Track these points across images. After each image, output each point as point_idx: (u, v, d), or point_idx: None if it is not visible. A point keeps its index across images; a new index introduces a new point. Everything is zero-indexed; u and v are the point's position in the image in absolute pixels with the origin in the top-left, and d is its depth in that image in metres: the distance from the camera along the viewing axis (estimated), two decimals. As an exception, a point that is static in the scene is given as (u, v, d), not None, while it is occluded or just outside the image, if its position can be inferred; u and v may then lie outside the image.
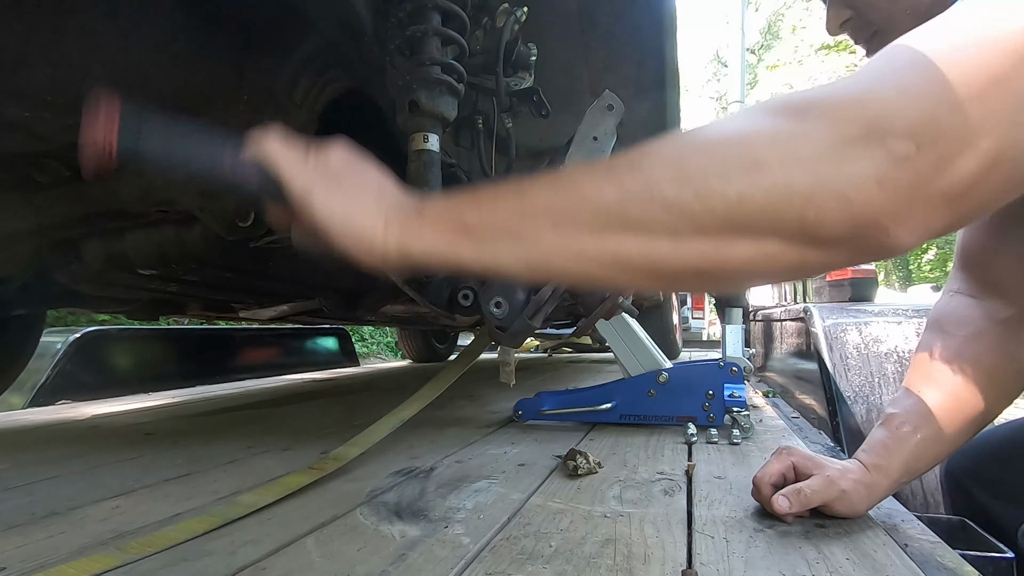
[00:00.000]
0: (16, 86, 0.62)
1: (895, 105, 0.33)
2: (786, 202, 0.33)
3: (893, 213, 0.32)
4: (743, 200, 0.33)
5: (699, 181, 0.34)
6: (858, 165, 0.32)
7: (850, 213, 0.32)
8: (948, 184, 0.32)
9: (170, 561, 0.53)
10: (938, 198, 0.32)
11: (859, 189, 0.32)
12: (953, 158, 0.32)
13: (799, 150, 0.33)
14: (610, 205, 0.35)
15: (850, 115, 0.33)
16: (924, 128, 0.32)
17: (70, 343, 2.00)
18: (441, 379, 1.07)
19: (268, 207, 0.45)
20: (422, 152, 0.72)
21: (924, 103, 0.32)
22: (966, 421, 0.62)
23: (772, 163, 0.33)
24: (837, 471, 0.59)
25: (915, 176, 0.32)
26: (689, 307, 6.69)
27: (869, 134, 0.32)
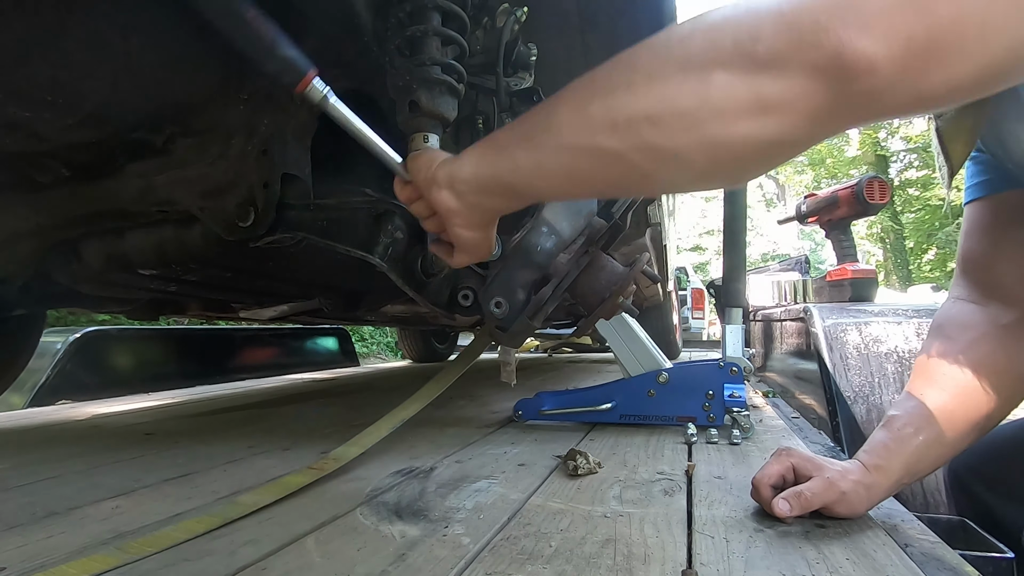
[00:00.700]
0: (16, 86, 0.62)
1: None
2: (720, 31, 0.35)
3: (836, 10, 0.31)
4: (683, 41, 0.36)
5: (651, 42, 0.38)
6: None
7: (784, 21, 0.32)
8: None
9: (170, 561, 0.53)
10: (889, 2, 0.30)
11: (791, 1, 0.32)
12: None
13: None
14: (586, 87, 0.41)
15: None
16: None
17: (70, 343, 2.00)
18: (441, 379, 1.07)
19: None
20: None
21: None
22: (968, 425, 0.62)
23: (711, 12, 0.36)
24: (837, 473, 0.59)
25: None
26: (689, 307, 6.69)
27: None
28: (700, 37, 0.36)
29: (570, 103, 0.42)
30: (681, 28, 0.38)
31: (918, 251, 12.84)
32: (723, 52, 0.34)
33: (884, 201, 2.51)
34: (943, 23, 0.30)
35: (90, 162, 0.82)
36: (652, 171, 0.41)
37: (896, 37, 0.30)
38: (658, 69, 0.37)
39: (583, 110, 0.41)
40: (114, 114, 0.71)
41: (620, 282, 0.77)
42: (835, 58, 0.31)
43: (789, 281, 2.98)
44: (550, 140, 0.43)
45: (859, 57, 0.31)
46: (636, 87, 0.38)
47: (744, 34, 0.34)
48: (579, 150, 0.42)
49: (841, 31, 0.31)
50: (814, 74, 0.32)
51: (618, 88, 0.39)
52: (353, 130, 0.59)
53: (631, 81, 0.38)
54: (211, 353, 2.60)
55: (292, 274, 1.13)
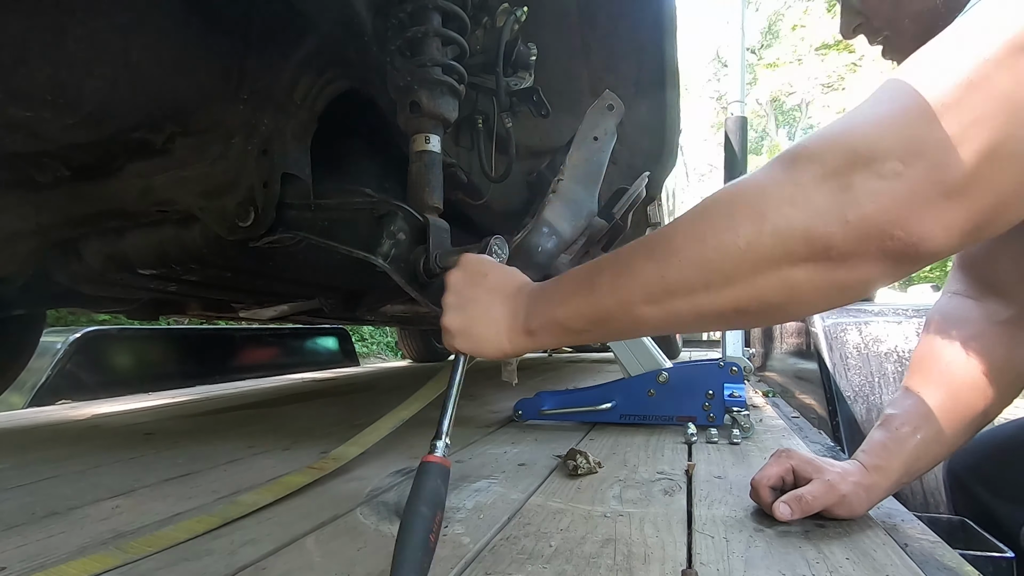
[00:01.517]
0: (16, 86, 0.62)
1: (876, 133, 0.37)
2: (789, 235, 0.38)
3: (897, 219, 0.35)
4: (752, 244, 0.39)
5: (713, 239, 0.41)
6: (848, 190, 0.37)
7: (852, 229, 0.36)
8: (944, 186, 0.35)
9: (170, 561, 0.53)
10: (940, 198, 0.35)
11: (853, 208, 0.36)
12: (941, 164, 0.35)
13: (790, 191, 0.38)
14: (655, 281, 0.44)
15: (835, 151, 0.38)
16: (906, 146, 0.36)
17: (70, 343, 2.00)
18: (441, 379, 1.07)
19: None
20: (423, 153, 0.72)
21: (903, 125, 0.36)
22: (965, 422, 0.62)
23: (769, 207, 0.39)
24: (837, 474, 0.59)
25: (908, 185, 0.35)
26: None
27: (854, 164, 0.36)
28: (770, 241, 0.39)
29: (649, 300, 0.44)
30: (743, 227, 0.40)
31: (918, 251, 12.81)
32: (798, 254, 0.38)
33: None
34: (988, 213, 0.36)
35: (90, 162, 0.82)
36: (743, 327, 0.45)
37: (951, 231, 0.36)
38: (735, 271, 0.40)
39: (667, 307, 0.44)
40: (114, 114, 0.71)
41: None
42: (903, 252, 0.36)
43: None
44: (633, 328, 0.47)
45: (924, 250, 0.36)
46: (718, 289, 0.41)
47: (816, 238, 0.37)
48: (666, 330, 0.47)
49: (904, 235, 0.36)
50: (885, 262, 0.37)
51: (698, 290, 0.42)
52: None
53: (709, 283, 0.41)
54: (211, 353, 2.60)
55: (292, 274, 1.13)
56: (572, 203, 0.78)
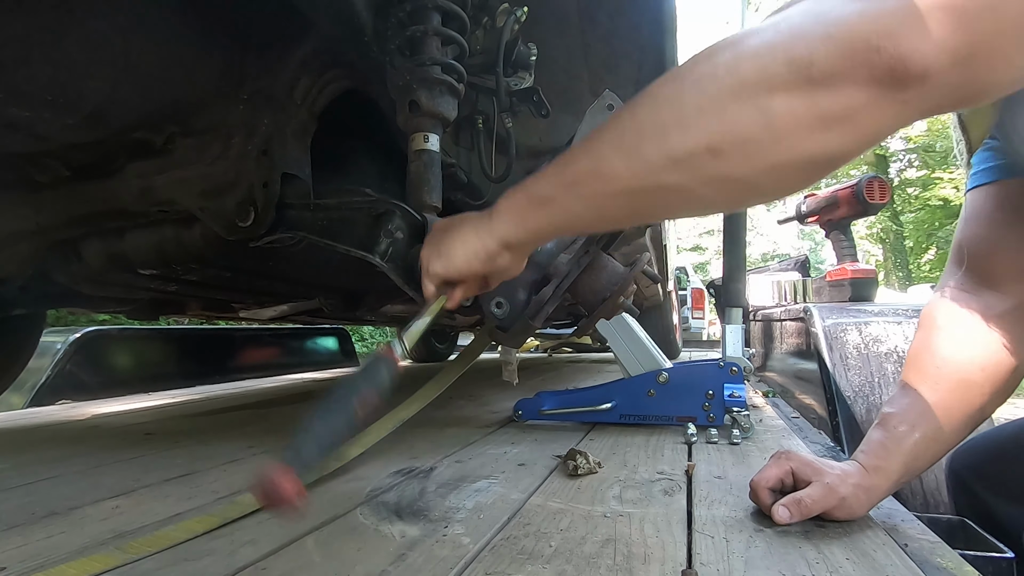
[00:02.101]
0: (16, 86, 0.62)
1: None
2: (769, 58, 0.35)
3: (884, 30, 0.33)
4: (730, 69, 0.36)
5: (689, 75, 0.38)
6: (830, 4, 0.34)
7: (836, 44, 0.34)
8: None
9: (170, 561, 0.53)
10: (935, 8, 0.32)
11: (836, 21, 0.34)
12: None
13: (775, 18, 0.36)
14: (626, 125, 0.41)
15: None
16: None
17: (70, 343, 2.00)
18: (441, 379, 1.07)
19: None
20: (422, 152, 0.72)
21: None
22: (963, 418, 0.62)
23: (751, 35, 0.37)
24: (836, 477, 0.59)
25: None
26: (689, 307, 6.69)
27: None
28: (749, 64, 0.36)
29: (619, 148, 0.42)
30: (721, 56, 0.38)
31: (918, 251, 12.83)
32: (778, 76, 0.35)
33: (884, 201, 2.51)
34: (983, 36, 0.32)
35: (90, 162, 0.82)
36: (719, 198, 0.42)
37: (942, 48, 0.32)
38: (709, 101, 0.37)
39: (637, 153, 0.41)
40: (114, 114, 0.71)
41: (621, 282, 0.77)
42: (890, 69, 0.33)
43: (789, 281, 2.98)
44: (607, 187, 0.43)
45: (913, 66, 0.33)
46: (689, 121, 0.38)
47: (797, 56, 0.35)
48: (642, 192, 0.42)
49: (892, 46, 0.33)
50: (871, 85, 0.34)
51: (669, 125, 0.39)
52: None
53: (682, 116, 0.38)
54: (211, 353, 2.61)
55: (292, 274, 1.13)
56: (572, 203, 0.78)
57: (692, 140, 0.38)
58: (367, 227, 0.75)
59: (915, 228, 12.64)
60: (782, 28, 0.36)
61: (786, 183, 0.40)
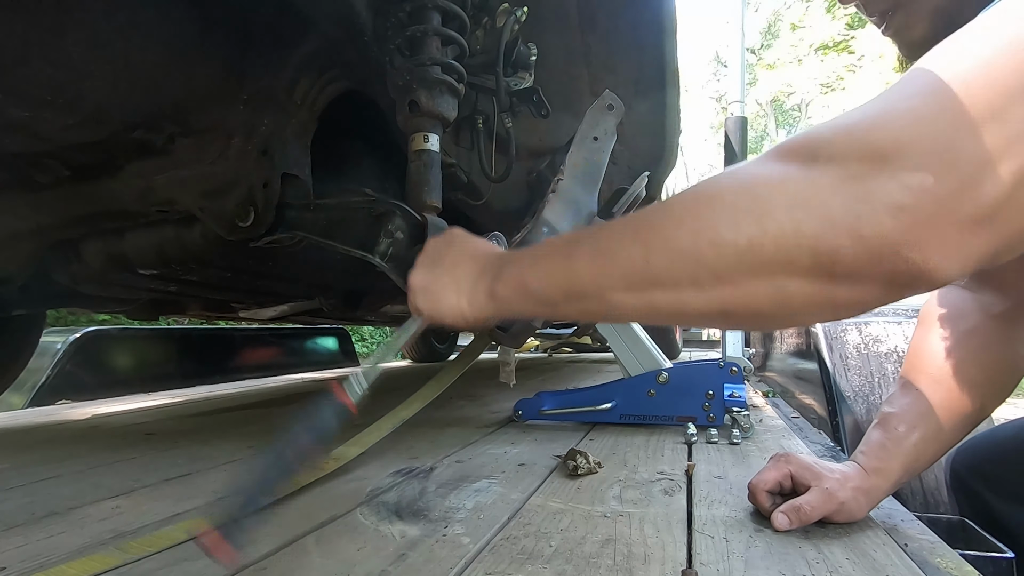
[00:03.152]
0: (16, 86, 0.62)
1: (906, 135, 0.32)
2: (795, 244, 0.34)
3: (915, 242, 0.31)
4: (753, 245, 0.35)
5: (710, 233, 0.36)
6: (868, 200, 0.32)
7: (865, 247, 0.32)
8: (975, 208, 0.31)
9: (170, 561, 0.53)
10: (967, 222, 0.31)
11: (870, 223, 0.32)
12: (975, 183, 0.31)
13: (805, 193, 0.34)
14: (638, 267, 0.39)
15: (857, 150, 0.33)
16: (939, 156, 0.31)
17: (70, 343, 2.00)
18: (441, 379, 1.07)
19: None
20: (422, 152, 0.72)
21: (938, 130, 0.32)
22: (963, 418, 0.61)
23: (779, 208, 0.34)
24: (835, 481, 0.58)
25: (935, 204, 0.31)
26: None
27: (878, 168, 0.32)
28: (771, 245, 0.34)
29: (630, 286, 0.40)
30: (742, 223, 0.35)
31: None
32: (800, 265, 0.34)
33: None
34: (1009, 242, 0.32)
35: (90, 162, 0.82)
36: (721, 329, 0.43)
37: (971, 259, 0.32)
38: (727, 272, 0.36)
39: (646, 297, 0.40)
40: (114, 114, 0.71)
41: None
42: (912, 278, 0.33)
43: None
44: (609, 312, 0.43)
45: (934, 277, 0.32)
46: (706, 287, 0.37)
47: (822, 252, 0.33)
48: (639, 319, 0.44)
49: (920, 260, 0.32)
50: (886, 284, 0.34)
51: (683, 284, 0.38)
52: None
53: (698, 279, 0.38)
54: (211, 353, 2.61)
55: (292, 274, 1.13)
56: (572, 203, 0.78)
57: (706, 303, 0.38)
58: (367, 227, 0.75)
59: (915, 228, 12.61)
60: (812, 208, 0.34)
61: (783, 329, 0.42)
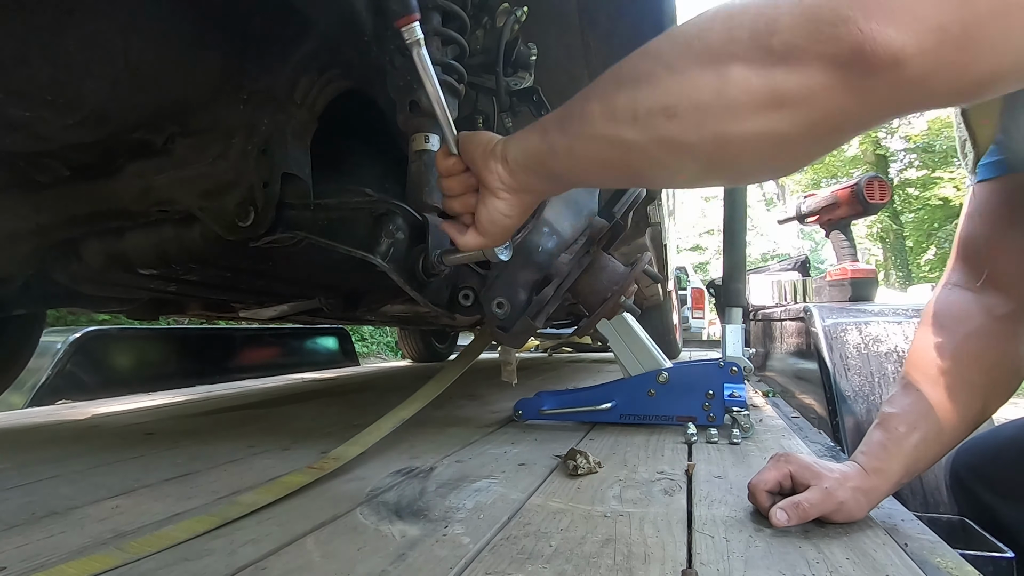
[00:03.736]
0: (16, 86, 0.61)
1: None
2: (738, 22, 0.34)
3: (860, 2, 0.29)
4: (703, 32, 0.36)
5: (676, 32, 0.39)
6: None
7: (802, 9, 0.31)
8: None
9: (170, 561, 0.53)
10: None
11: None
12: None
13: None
14: (609, 77, 0.42)
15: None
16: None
17: (70, 343, 2.00)
18: (441, 379, 1.07)
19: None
20: (423, 152, 0.72)
21: None
22: (964, 419, 0.61)
23: (732, 2, 0.35)
24: (835, 481, 0.58)
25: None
26: (689, 307, 6.69)
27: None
28: (719, 28, 0.35)
29: (600, 93, 0.43)
30: (703, 18, 0.37)
31: (918, 251, 12.83)
32: (740, 44, 0.33)
33: (884, 201, 2.51)
34: (983, 14, 0.27)
35: (90, 162, 0.82)
36: (669, 164, 0.41)
37: (928, 28, 0.28)
38: (677, 61, 0.37)
39: (610, 101, 0.41)
40: (114, 114, 0.71)
41: (622, 282, 0.77)
42: (856, 51, 0.29)
43: (789, 281, 2.98)
44: (582, 128, 0.44)
45: (883, 50, 0.28)
46: (657, 79, 0.38)
47: (761, 25, 0.32)
48: (605, 140, 0.42)
49: (863, 21, 0.28)
50: (832, 67, 0.30)
51: (641, 80, 0.39)
52: (428, 84, 0.59)
53: (652, 73, 0.38)
54: (211, 353, 2.60)
55: (292, 274, 1.13)
56: (572, 203, 0.78)
57: (654, 97, 0.38)
58: (367, 227, 0.75)
59: (915, 228, 12.64)
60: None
61: (734, 159, 0.38)
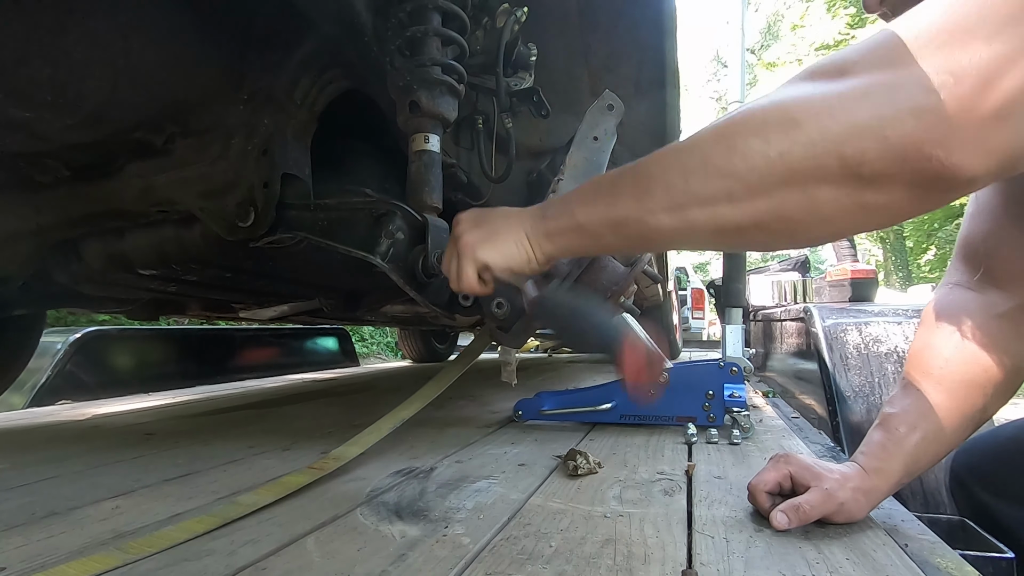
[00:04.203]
0: (16, 86, 0.62)
1: (926, 44, 0.35)
2: (823, 150, 0.37)
3: (937, 139, 0.34)
4: (783, 155, 0.38)
5: (743, 147, 0.40)
6: (892, 104, 0.35)
7: (889, 147, 0.35)
8: (991, 104, 0.33)
9: (170, 561, 0.53)
10: (985, 118, 0.33)
11: (894, 124, 0.35)
12: (990, 82, 0.33)
13: (832, 103, 0.37)
14: (677, 187, 0.43)
15: (881, 61, 0.36)
16: (959, 59, 0.33)
17: (70, 343, 2.00)
18: (441, 379, 1.07)
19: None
20: (423, 152, 0.72)
21: (955, 36, 0.34)
22: (965, 419, 0.61)
23: (807, 119, 0.37)
24: (835, 482, 0.58)
25: (954, 102, 0.33)
26: (689, 307, 6.69)
27: (901, 75, 0.35)
28: (801, 152, 0.37)
29: (668, 207, 0.44)
30: (774, 135, 0.39)
31: (918, 251, 12.81)
32: (829, 171, 0.37)
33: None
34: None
35: (90, 162, 0.82)
36: (756, 249, 0.46)
37: (993, 156, 0.34)
38: (759, 182, 0.39)
39: (685, 217, 0.43)
40: (114, 114, 0.71)
41: (621, 282, 0.77)
42: (939, 178, 0.34)
43: (789, 281, 2.98)
44: (651, 237, 0.46)
45: (962, 177, 0.34)
46: (739, 200, 0.40)
47: (849, 155, 0.36)
48: (683, 243, 0.47)
49: (945, 157, 0.34)
50: (916, 188, 0.35)
51: (719, 199, 0.41)
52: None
53: (732, 193, 0.41)
54: (211, 353, 2.60)
55: (292, 274, 1.13)
56: (572, 203, 0.78)
57: (740, 216, 0.41)
58: (367, 227, 0.75)
59: (915, 228, 12.62)
60: (838, 116, 0.36)
61: (819, 244, 0.45)
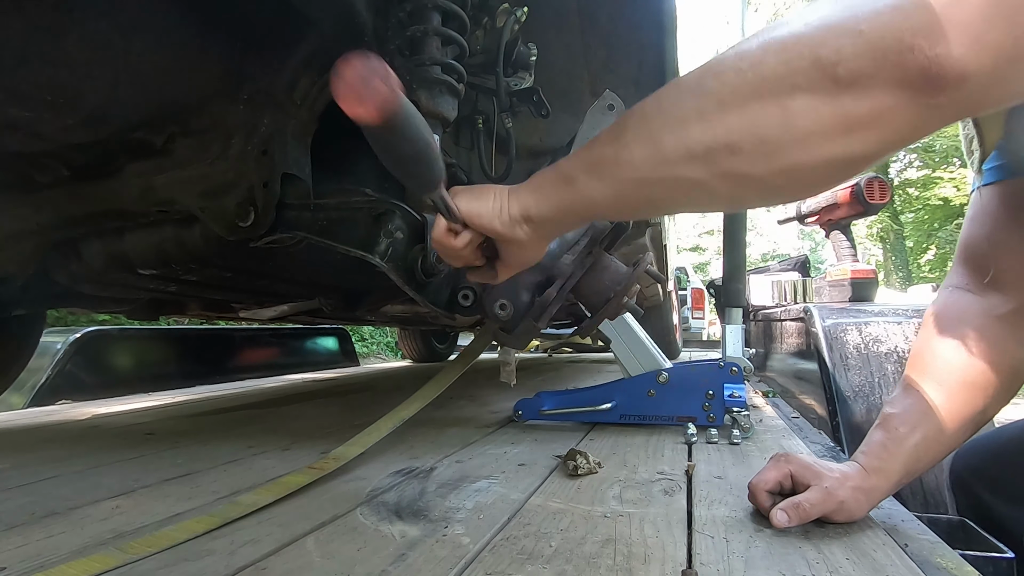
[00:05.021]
0: (16, 86, 0.61)
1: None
2: (796, 53, 0.34)
3: (920, 27, 0.30)
4: (755, 66, 0.35)
5: (716, 67, 0.37)
6: (866, 1, 0.32)
7: (865, 40, 0.31)
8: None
9: (170, 561, 0.53)
10: (980, 4, 0.29)
11: (869, 15, 0.31)
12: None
13: (804, 11, 0.34)
14: (651, 114, 0.40)
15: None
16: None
17: (70, 343, 2.00)
18: (441, 379, 1.07)
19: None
20: (422, 152, 0.71)
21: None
22: (965, 419, 0.61)
23: (779, 28, 0.35)
24: (835, 480, 0.58)
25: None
26: (689, 307, 6.69)
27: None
28: (773, 59, 0.35)
29: (640, 136, 0.42)
30: (748, 50, 0.37)
31: (918, 251, 12.82)
32: (801, 74, 0.34)
33: (884, 201, 2.51)
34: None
35: (90, 162, 0.82)
36: (736, 195, 0.41)
37: (985, 47, 0.30)
38: (731, 95, 0.36)
39: (656, 143, 0.40)
40: (114, 114, 0.71)
41: (624, 282, 0.77)
42: (924, 74, 0.31)
43: (789, 281, 2.98)
44: (626, 174, 0.43)
45: (950, 71, 0.30)
46: (709, 116, 0.37)
47: (823, 55, 0.33)
48: (659, 181, 0.42)
49: (928, 48, 0.30)
50: (900, 89, 0.32)
51: (690, 118, 0.38)
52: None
53: (702, 110, 0.38)
54: (211, 353, 2.60)
55: (292, 274, 1.13)
56: (572, 203, 0.78)
57: (711, 135, 0.37)
58: (367, 227, 0.75)
59: (915, 228, 12.63)
60: (811, 21, 0.34)
61: (804, 184, 0.39)
